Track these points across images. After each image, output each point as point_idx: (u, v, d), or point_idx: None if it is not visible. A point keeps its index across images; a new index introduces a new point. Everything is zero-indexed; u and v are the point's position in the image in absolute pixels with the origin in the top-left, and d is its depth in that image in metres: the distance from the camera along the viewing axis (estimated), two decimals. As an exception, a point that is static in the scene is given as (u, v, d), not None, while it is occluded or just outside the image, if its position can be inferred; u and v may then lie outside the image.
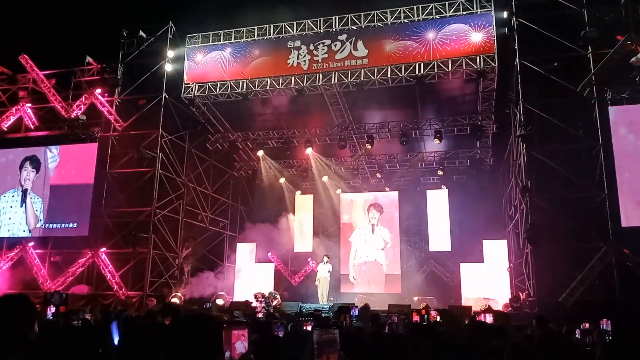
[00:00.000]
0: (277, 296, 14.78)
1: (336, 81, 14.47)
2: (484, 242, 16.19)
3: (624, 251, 11.60)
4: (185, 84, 15.75)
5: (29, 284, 15.30)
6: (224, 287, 17.10)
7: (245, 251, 18.81)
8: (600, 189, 12.10)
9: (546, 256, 12.13)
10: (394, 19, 14.35)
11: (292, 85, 14.83)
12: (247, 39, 15.54)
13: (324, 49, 14.68)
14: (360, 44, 14.41)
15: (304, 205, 20.35)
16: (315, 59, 14.71)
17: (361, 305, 11.00)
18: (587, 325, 6.81)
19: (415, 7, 14.19)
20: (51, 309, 8.65)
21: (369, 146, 16.58)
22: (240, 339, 2.56)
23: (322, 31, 14.88)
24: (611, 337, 5.87)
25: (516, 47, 13.27)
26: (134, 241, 14.69)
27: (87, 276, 15.55)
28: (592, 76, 12.34)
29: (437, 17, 13.95)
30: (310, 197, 20.44)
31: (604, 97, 12.48)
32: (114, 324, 3.53)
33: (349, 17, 14.66)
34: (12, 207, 16.33)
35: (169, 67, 15.75)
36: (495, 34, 13.41)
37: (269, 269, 18.35)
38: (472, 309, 11.35)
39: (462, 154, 18.50)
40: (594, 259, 11.76)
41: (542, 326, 6.34)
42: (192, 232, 17.43)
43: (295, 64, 14.87)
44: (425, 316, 8.35)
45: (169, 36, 15.89)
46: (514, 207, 14.97)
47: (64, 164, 16.18)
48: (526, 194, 12.76)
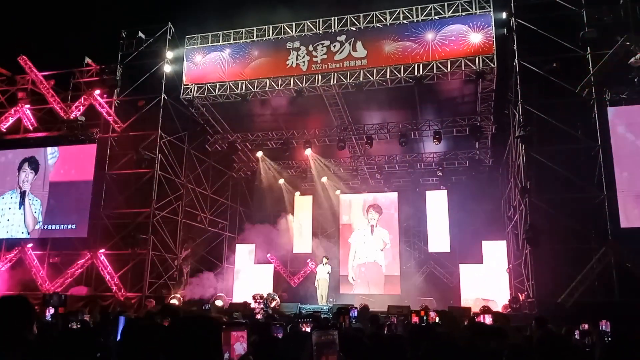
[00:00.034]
0: (275, 297, 14.73)
1: (335, 82, 14.48)
2: (483, 243, 16.17)
3: (623, 252, 11.61)
4: (184, 85, 15.76)
5: (28, 285, 15.29)
6: (223, 288, 17.08)
7: (244, 252, 18.78)
8: (599, 190, 12.12)
9: (545, 257, 12.13)
10: (393, 20, 14.37)
11: (291, 86, 14.84)
12: (246, 40, 15.56)
13: (323, 50, 14.68)
14: (359, 44, 14.42)
15: (303, 206, 20.33)
16: (314, 59, 14.72)
17: (360, 306, 10.98)
18: (586, 326, 6.81)
19: (414, 7, 14.22)
20: (50, 310, 8.63)
21: (368, 146, 16.59)
22: (239, 340, 2.56)
23: (321, 32, 14.89)
24: (610, 338, 5.88)
25: (515, 48, 13.28)
26: (133, 242, 14.69)
27: (86, 277, 15.54)
28: (591, 77, 12.36)
29: (436, 18, 13.98)
30: (309, 198, 20.42)
31: (603, 97, 12.49)
32: (121, 320, 3.51)
33: (348, 18, 14.68)
34: (10, 208, 16.30)
35: (168, 68, 15.75)
36: (494, 35, 13.44)
37: (268, 270, 18.32)
38: (472, 310, 11.35)
39: (461, 155, 18.47)
40: (593, 260, 11.77)
41: (542, 327, 6.35)
42: (191, 233, 17.42)
43: (294, 65, 14.88)
44: (424, 317, 8.35)
45: (168, 37, 15.89)
46: (513, 208, 14.97)
47: (64, 163, 16.18)
48: (525, 195, 12.77)
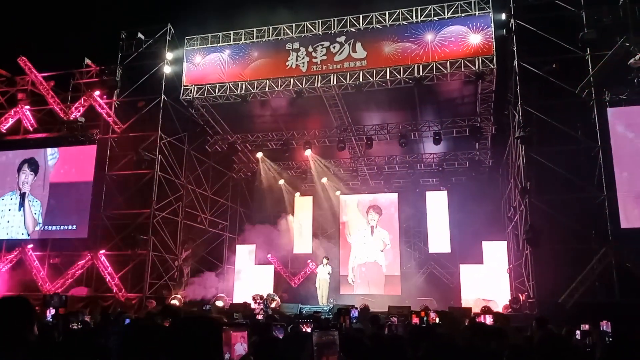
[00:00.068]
0: (275, 298, 14.72)
1: (335, 83, 14.48)
2: (484, 243, 16.17)
3: (624, 252, 11.60)
4: (184, 86, 15.76)
5: (29, 286, 15.30)
6: (224, 288, 17.09)
7: (244, 253, 18.78)
8: (599, 190, 12.12)
9: (546, 257, 12.13)
10: (392, 21, 14.37)
11: (291, 87, 14.85)
12: (246, 41, 15.57)
13: (322, 51, 14.69)
14: (359, 45, 14.43)
15: (304, 206, 20.32)
16: (314, 60, 14.72)
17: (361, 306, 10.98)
18: (586, 326, 6.81)
19: (413, 9, 14.23)
20: (50, 311, 8.61)
21: (368, 147, 16.59)
22: (239, 341, 2.56)
23: (320, 33, 14.90)
24: (611, 339, 5.88)
25: (514, 49, 13.29)
26: (134, 243, 14.69)
27: (86, 278, 15.55)
28: (591, 77, 12.36)
29: (435, 19, 13.98)
30: (309, 198, 20.41)
31: (602, 98, 12.49)
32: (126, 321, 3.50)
33: (347, 19, 14.69)
34: (10, 210, 16.31)
35: (167, 69, 15.76)
36: (493, 36, 13.44)
37: (269, 271, 18.33)
38: (472, 311, 11.34)
39: (461, 156, 18.47)
40: (594, 260, 11.76)
41: (542, 327, 6.35)
42: (191, 234, 17.42)
43: (294, 66, 14.89)
44: (424, 318, 8.34)
45: (168, 38, 15.90)
46: (513, 209, 14.97)
47: (63, 164, 16.18)
48: (525, 195, 12.77)
